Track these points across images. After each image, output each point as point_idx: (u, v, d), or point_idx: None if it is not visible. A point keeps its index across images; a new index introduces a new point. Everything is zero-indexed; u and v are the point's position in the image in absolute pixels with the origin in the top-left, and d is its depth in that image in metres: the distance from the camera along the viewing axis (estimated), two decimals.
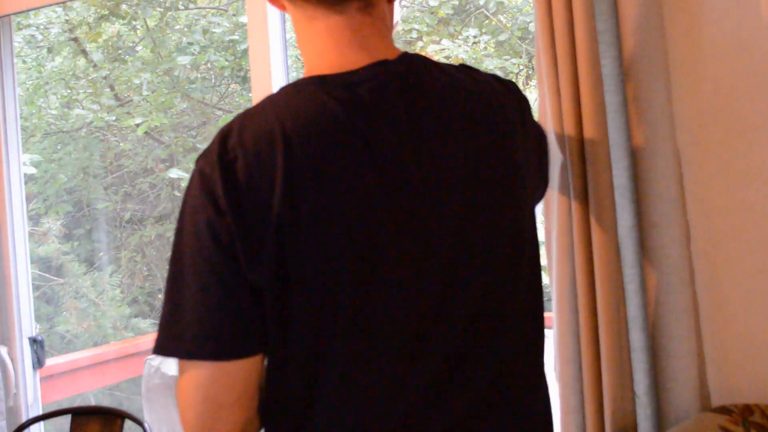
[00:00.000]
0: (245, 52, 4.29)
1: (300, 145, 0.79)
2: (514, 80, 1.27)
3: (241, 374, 0.79)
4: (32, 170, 4.47)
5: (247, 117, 0.83)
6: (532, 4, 4.13)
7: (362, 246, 0.79)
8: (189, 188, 0.81)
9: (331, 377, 0.81)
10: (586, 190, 1.32)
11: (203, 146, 0.86)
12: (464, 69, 0.91)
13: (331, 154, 0.79)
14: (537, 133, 1.03)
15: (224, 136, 0.81)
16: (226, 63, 4.59)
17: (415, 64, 0.86)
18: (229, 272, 0.77)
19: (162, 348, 0.80)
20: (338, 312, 0.79)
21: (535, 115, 1.05)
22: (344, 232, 0.78)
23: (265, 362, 0.83)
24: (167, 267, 0.81)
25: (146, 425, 1.80)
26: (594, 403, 1.33)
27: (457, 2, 4.08)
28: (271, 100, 0.86)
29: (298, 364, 0.81)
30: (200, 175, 0.80)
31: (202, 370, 0.78)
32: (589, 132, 1.31)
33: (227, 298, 0.77)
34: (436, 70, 0.87)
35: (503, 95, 0.91)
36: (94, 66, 4.87)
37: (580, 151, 1.32)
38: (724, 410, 1.25)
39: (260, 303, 0.78)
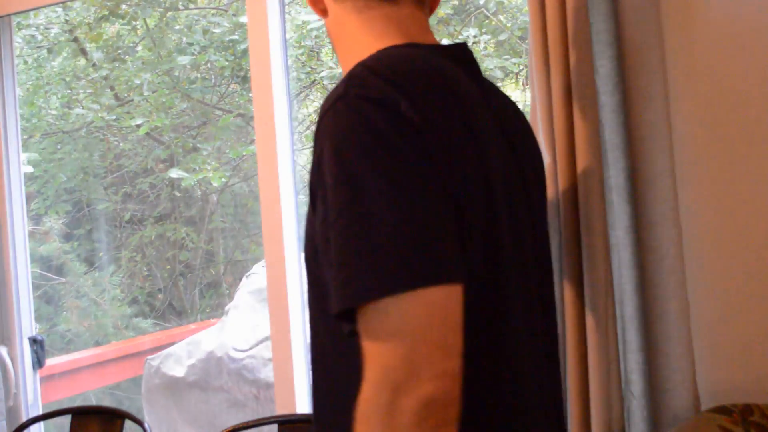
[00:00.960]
0: (245, 52, 4.29)
1: (451, 84, 0.77)
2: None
3: (462, 306, 0.69)
4: (29, 169, 4.47)
5: (380, 59, 0.77)
6: None
7: (503, 205, 0.79)
8: (354, 119, 0.70)
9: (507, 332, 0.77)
10: (576, 192, 1.32)
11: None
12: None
13: (473, 103, 0.79)
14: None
15: (369, 68, 0.74)
16: (226, 63, 4.59)
17: (471, 53, 0.91)
18: (437, 188, 0.69)
19: (371, 290, 0.66)
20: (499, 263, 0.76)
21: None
22: (498, 185, 0.78)
23: None
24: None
25: (146, 425, 1.80)
26: (579, 406, 1.32)
27: (457, 2, 4.08)
28: (390, 51, 0.80)
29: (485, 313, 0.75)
30: (367, 100, 0.71)
31: (431, 298, 0.66)
32: (580, 133, 1.31)
33: (441, 215, 0.69)
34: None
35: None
36: (94, 66, 4.87)
37: (571, 153, 1.32)
38: (723, 410, 1.25)
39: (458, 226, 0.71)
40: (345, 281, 0.68)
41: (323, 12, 0.91)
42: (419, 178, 0.69)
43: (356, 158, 0.69)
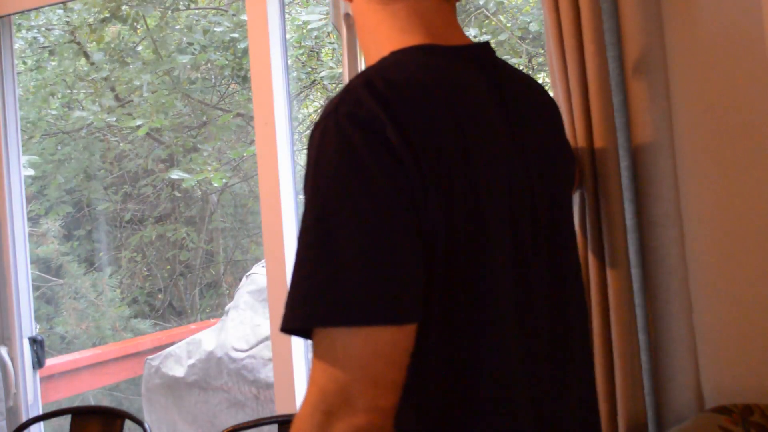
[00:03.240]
0: (245, 51, 4.29)
1: (457, 98, 0.76)
2: None
3: (411, 345, 0.69)
4: (30, 172, 4.47)
5: (384, 69, 0.75)
6: (532, 4, 4.13)
7: (505, 212, 0.78)
8: (337, 139, 0.69)
9: (480, 365, 0.75)
10: (596, 191, 1.32)
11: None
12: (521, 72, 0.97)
13: (481, 114, 0.78)
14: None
15: (366, 83, 0.72)
16: (226, 62, 4.59)
17: (493, 53, 0.90)
18: (407, 223, 0.68)
19: (320, 317, 0.66)
20: (488, 281, 0.75)
21: None
22: (495, 199, 0.77)
23: None
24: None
25: (146, 425, 1.80)
26: (606, 403, 1.32)
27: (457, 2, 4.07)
28: (400, 59, 0.79)
29: (449, 347, 0.73)
30: (353, 121, 0.69)
31: (376, 337, 0.66)
32: (599, 135, 1.30)
33: (405, 253, 0.67)
34: (507, 63, 0.93)
35: (552, 101, 1.00)
36: (94, 66, 4.87)
37: (591, 154, 1.32)
38: (723, 410, 1.25)
39: (425, 263, 0.70)
40: (297, 301, 0.68)
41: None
42: (388, 213, 0.67)
43: (331, 182, 0.68)
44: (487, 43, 0.88)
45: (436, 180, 0.70)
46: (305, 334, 0.70)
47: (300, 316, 0.67)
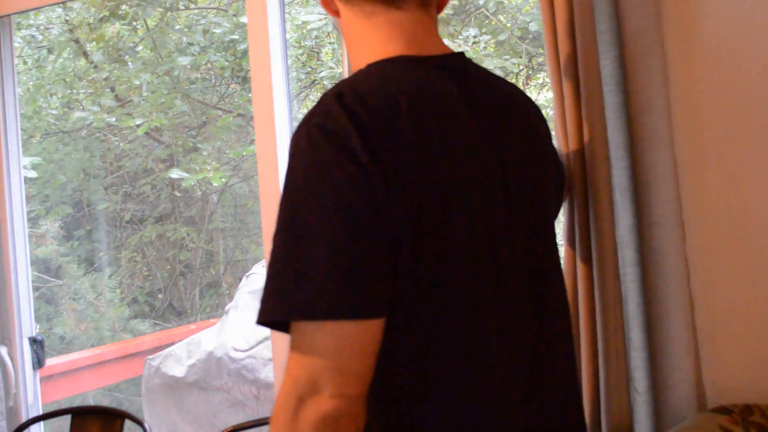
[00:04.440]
0: (245, 52, 4.29)
1: (423, 107, 0.80)
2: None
3: (377, 338, 0.75)
4: (32, 174, 4.48)
5: (355, 83, 0.82)
6: (531, 4, 4.13)
7: (476, 214, 0.82)
8: (307, 148, 0.76)
9: (448, 359, 0.79)
10: (585, 190, 1.33)
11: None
12: (499, 77, 0.99)
13: (450, 121, 0.82)
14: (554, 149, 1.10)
15: (337, 96, 0.78)
16: (226, 63, 4.59)
17: (472, 63, 0.93)
18: (370, 225, 0.74)
19: (289, 310, 0.73)
20: (456, 281, 0.79)
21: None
22: (464, 202, 0.81)
23: None
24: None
25: (146, 425, 1.80)
26: (591, 402, 1.33)
27: (457, 2, 4.08)
28: (371, 71, 0.85)
29: (417, 340, 0.79)
30: (322, 131, 0.76)
31: (341, 331, 0.72)
32: (588, 133, 1.31)
33: (368, 252, 0.74)
34: (485, 72, 0.96)
35: (535, 109, 1.01)
36: (94, 66, 4.87)
37: (581, 153, 1.32)
38: (723, 410, 1.25)
39: (391, 262, 0.76)
40: (269, 295, 0.74)
41: (336, 13, 0.95)
42: (351, 215, 0.73)
43: (300, 186, 0.75)
44: (462, 53, 0.92)
45: (399, 183, 0.75)
46: (283, 327, 0.76)
47: (270, 309, 0.74)
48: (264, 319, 0.74)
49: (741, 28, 1.31)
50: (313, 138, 0.76)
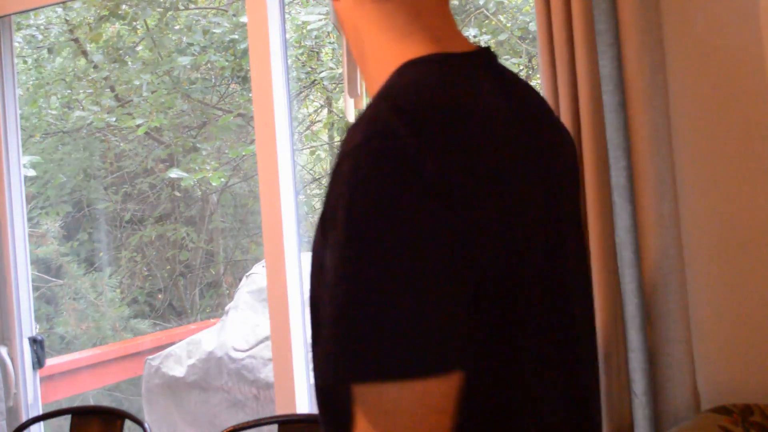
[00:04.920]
0: (245, 52, 4.29)
1: (487, 126, 0.70)
2: None
3: (458, 390, 0.66)
4: (32, 173, 4.48)
5: (406, 92, 0.69)
6: (531, 4, 4.13)
7: (543, 238, 0.74)
8: (370, 182, 0.63)
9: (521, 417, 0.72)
10: (584, 191, 1.33)
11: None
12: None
13: (507, 143, 0.72)
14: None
15: (395, 108, 0.66)
16: (226, 63, 4.59)
17: (496, 58, 0.84)
18: (448, 270, 0.64)
19: (366, 372, 0.64)
20: (527, 313, 0.72)
21: None
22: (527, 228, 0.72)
23: None
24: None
25: (146, 425, 1.80)
26: None
27: (457, 2, 4.08)
28: (416, 77, 0.72)
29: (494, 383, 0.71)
30: (389, 159, 0.63)
31: (427, 387, 0.64)
32: (586, 133, 1.31)
33: (447, 302, 0.64)
34: (510, 72, 0.87)
35: (557, 117, 0.92)
36: (95, 66, 4.87)
37: (579, 153, 1.33)
38: (723, 410, 1.25)
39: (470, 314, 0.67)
40: (339, 355, 0.65)
41: None
42: (430, 257, 0.63)
43: (370, 227, 0.63)
44: (488, 49, 0.82)
45: (480, 214, 0.66)
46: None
47: (342, 371, 0.65)
48: (343, 381, 0.65)
49: (740, 28, 1.31)
50: (379, 165, 0.63)
